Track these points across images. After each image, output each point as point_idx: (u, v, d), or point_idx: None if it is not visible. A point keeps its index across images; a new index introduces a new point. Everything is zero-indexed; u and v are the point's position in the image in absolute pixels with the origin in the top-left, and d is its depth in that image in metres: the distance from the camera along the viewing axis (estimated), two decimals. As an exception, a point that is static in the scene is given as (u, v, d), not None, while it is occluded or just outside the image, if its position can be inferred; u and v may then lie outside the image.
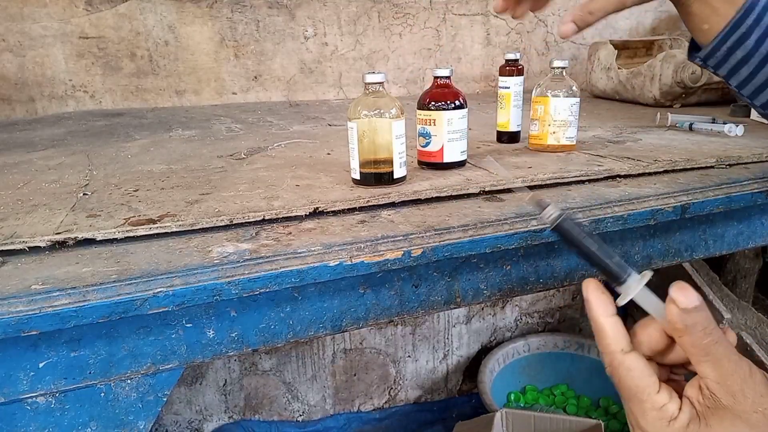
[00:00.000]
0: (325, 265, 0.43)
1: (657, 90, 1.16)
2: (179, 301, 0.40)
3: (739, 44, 0.51)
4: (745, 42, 0.50)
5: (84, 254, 0.44)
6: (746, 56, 0.51)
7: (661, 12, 1.72)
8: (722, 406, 0.34)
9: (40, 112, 1.30)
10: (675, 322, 0.36)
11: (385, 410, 1.71)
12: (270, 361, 1.55)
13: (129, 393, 0.44)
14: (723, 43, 0.51)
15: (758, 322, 1.37)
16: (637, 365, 0.37)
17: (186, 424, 1.53)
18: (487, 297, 0.55)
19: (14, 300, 0.37)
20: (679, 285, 0.36)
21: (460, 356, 1.78)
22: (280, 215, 0.51)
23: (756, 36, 0.50)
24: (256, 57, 1.42)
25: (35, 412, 0.41)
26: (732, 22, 0.50)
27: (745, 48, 0.51)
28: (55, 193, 0.60)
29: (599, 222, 0.53)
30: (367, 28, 1.49)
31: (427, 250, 0.46)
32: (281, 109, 1.31)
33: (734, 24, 0.50)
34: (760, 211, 0.67)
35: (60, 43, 1.27)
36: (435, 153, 0.64)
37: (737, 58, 0.52)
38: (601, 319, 0.39)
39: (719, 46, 0.51)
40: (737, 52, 0.51)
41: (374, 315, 0.51)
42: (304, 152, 0.78)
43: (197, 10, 1.34)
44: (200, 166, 0.71)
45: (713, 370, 0.35)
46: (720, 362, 0.35)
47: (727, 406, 0.34)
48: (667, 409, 0.36)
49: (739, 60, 0.52)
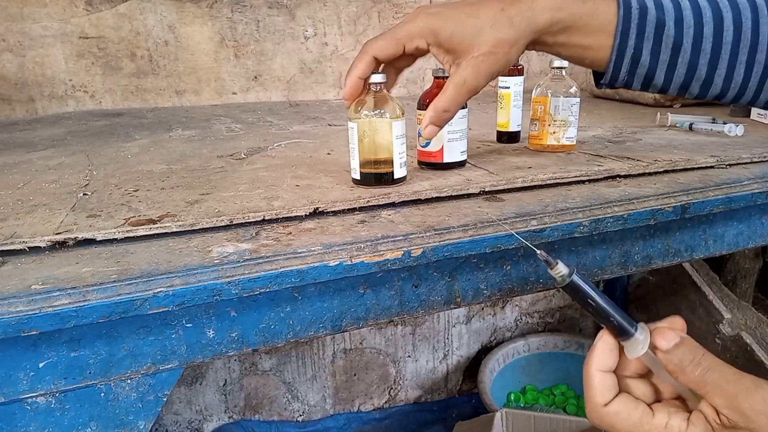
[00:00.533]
0: (325, 265, 0.43)
1: (657, 90, 1.16)
2: (179, 301, 0.40)
3: (635, 64, 0.49)
4: (640, 59, 0.49)
5: (84, 254, 0.44)
6: (650, 69, 0.50)
7: (661, 12, 1.72)
8: (739, 427, 0.35)
9: (40, 112, 1.30)
10: (666, 366, 0.37)
11: (385, 410, 1.71)
12: (270, 361, 1.55)
13: (129, 393, 0.44)
14: (618, 71, 0.50)
15: (758, 322, 1.37)
16: (622, 407, 0.38)
17: (186, 424, 1.53)
18: (487, 297, 0.55)
19: (14, 300, 0.37)
20: (657, 331, 0.38)
21: (460, 356, 1.78)
22: (280, 215, 0.51)
23: (648, 49, 0.48)
24: (256, 57, 1.42)
25: (35, 412, 0.41)
26: (614, 52, 0.48)
27: (643, 65, 0.49)
28: (55, 193, 0.60)
29: (599, 222, 0.53)
30: (367, 28, 1.49)
31: (427, 250, 0.46)
32: (281, 109, 1.31)
33: (617, 53, 0.48)
34: (760, 211, 0.67)
35: (60, 43, 1.27)
36: (435, 153, 0.64)
37: (642, 74, 0.50)
38: (592, 370, 0.39)
39: (617, 75, 0.50)
40: (638, 70, 0.50)
41: (374, 315, 0.51)
42: (304, 152, 0.78)
43: (197, 10, 1.34)
44: (200, 166, 0.71)
45: (718, 397, 0.35)
46: (721, 388, 0.35)
47: (743, 426, 0.34)
48: (672, 426, 0.36)
49: (647, 73, 0.50)
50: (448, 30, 0.48)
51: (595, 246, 0.59)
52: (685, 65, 0.49)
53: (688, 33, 0.48)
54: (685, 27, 0.48)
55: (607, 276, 0.62)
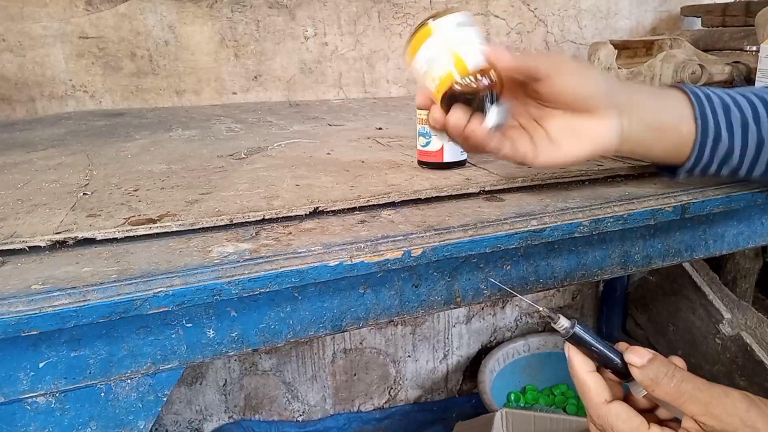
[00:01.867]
0: (325, 265, 0.43)
1: (657, 90, 1.16)
2: (179, 301, 0.40)
3: (716, 145, 0.51)
4: (721, 139, 0.51)
5: (84, 254, 0.44)
6: (728, 151, 0.51)
7: (661, 12, 1.72)
8: (716, 431, 0.38)
9: (40, 112, 1.30)
10: (642, 382, 0.41)
11: (385, 410, 1.71)
12: (270, 361, 1.55)
13: (129, 393, 0.44)
14: (704, 148, 0.51)
15: (758, 322, 1.37)
16: (623, 410, 0.41)
17: (186, 424, 1.53)
18: (487, 297, 0.55)
19: (14, 300, 0.37)
20: (630, 349, 0.42)
21: (460, 356, 1.78)
22: (280, 215, 0.51)
23: (726, 132, 0.50)
24: (256, 57, 1.42)
25: (35, 412, 0.41)
26: (698, 138, 0.50)
27: (724, 143, 0.51)
28: (55, 193, 0.60)
29: (599, 222, 0.53)
30: (367, 27, 1.49)
31: (427, 249, 0.46)
32: (281, 109, 1.31)
33: (701, 137, 0.50)
34: (760, 211, 0.67)
35: (60, 43, 1.27)
36: (435, 153, 0.64)
37: (720, 156, 0.52)
38: (583, 375, 0.42)
39: (699, 161, 0.52)
40: (718, 150, 0.52)
41: (374, 315, 0.51)
42: (304, 152, 0.78)
43: (197, 10, 1.34)
44: (200, 166, 0.71)
45: (694, 405, 0.38)
46: (695, 396, 0.39)
47: (720, 430, 0.38)
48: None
49: (725, 155, 0.52)
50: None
51: (595, 246, 0.59)
52: (754, 138, 0.51)
53: (746, 110, 0.51)
54: (743, 106, 0.51)
55: (607, 276, 0.62)
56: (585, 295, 1.91)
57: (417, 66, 0.48)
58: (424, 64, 0.47)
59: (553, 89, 0.47)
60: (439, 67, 0.46)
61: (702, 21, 1.57)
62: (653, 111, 0.50)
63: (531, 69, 0.47)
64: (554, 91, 0.47)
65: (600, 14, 1.66)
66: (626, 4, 1.67)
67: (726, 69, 1.14)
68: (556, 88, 0.47)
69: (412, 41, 0.47)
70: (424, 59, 0.47)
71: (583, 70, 0.48)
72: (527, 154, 0.49)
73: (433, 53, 0.46)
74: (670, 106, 0.51)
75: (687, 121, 0.50)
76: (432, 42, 0.46)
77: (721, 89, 0.54)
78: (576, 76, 0.47)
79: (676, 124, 0.50)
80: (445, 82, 0.46)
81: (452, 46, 0.46)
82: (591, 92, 0.48)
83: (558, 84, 0.47)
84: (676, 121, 0.50)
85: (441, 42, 0.46)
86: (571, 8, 1.62)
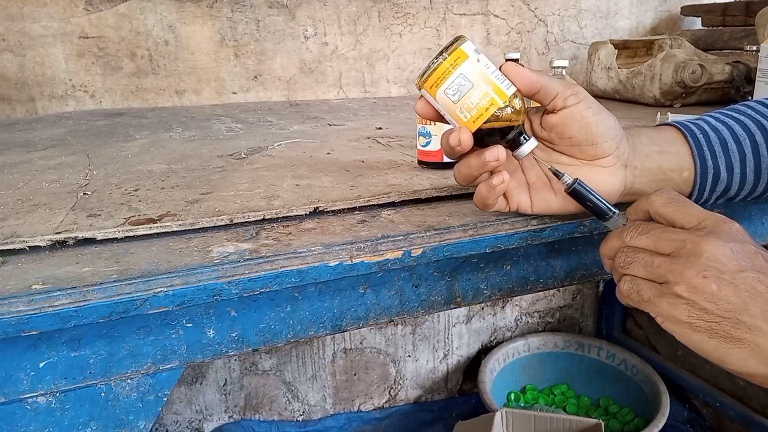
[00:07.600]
0: (325, 265, 0.43)
1: (657, 90, 1.16)
2: (179, 301, 0.40)
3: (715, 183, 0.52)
4: (719, 179, 0.52)
5: (84, 254, 0.44)
6: (726, 187, 0.52)
7: (661, 12, 1.72)
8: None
9: (40, 111, 1.30)
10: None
11: (385, 410, 1.72)
12: (270, 361, 1.56)
13: (129, 393, 0.44)
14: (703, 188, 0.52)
15: (758, 322, 1.37)
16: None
17: (186, 424, 1.53)
18: (487, 297, 0.55)
19: (14, 300, 0.37)
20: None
21: (460, 356, 1.78)
22: (280, 215, 0.51)
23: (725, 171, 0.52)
24: (256, 57, 1.42)
25: (35, 412, 0.41)
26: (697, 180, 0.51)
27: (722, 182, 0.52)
28: (55, 193, 0.60)
29: (599, 222, 0.52)
30: (367, 27, 1.49)
31: (428, 249, 0.46)
32: (281, 109, 1.31)
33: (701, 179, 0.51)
34: (760, 211, 0.67)
35: (60, 43, 1.27)
36: (435, 153, 0.64)
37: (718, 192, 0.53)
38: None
39: (697, 200, 0.52)
40: (716, 188, 0.53)
41: (374, 315, 0.51)
42: (304, 152, 0.78)
43: (197, 10, 1.34)
44: (200, 166, 0.71)
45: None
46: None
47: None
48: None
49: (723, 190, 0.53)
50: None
51: (595, 246, 0.59)
52: (752, 170, 0.52)
53: (744, 142, 0.51)
54: (740, 136, 0.52)
55: (607, 276, 0.62)
56: (585, 295, 1.91)
57: (446, 95, 0.44)
58: (454, 93, 0.44)
59: (570, 117, 0.45)
60: (477, 95, 0.43)
61: (702, 21, 1.57)
62: (655, 158, 0.50)
63: (551, 90, 0.45)
64: (569, 119, 0.45)
65: (600, 14, 1.66)
66: (626, 3, 1.67)
67: (726, 69, 1.14)
68: (573, 116, 0.45)
69: (438, 69, 0.43)
70: (455, 87, 0.44)
71: (602, 108, 0.47)
72: (521, 201, 0.49)
73: (465, 81, 0.43)
74: (670, 152, 0.50)
75: (687, 164, 0.51)
76: (466, 68, 0.43)
77: (717, 113, 0.54)
78: (595, 107, 0.46)
79: (677, 169, 0.51)
80: (485, 110, 0.44)
81: (485, 73, 0.44)
82: (605, 129, 0.46)
83: (576, 112, 0.45)
84: (675, 167, 0.50)
85: (473, 69, 0.43)
86: (571, 8, 1.62)
